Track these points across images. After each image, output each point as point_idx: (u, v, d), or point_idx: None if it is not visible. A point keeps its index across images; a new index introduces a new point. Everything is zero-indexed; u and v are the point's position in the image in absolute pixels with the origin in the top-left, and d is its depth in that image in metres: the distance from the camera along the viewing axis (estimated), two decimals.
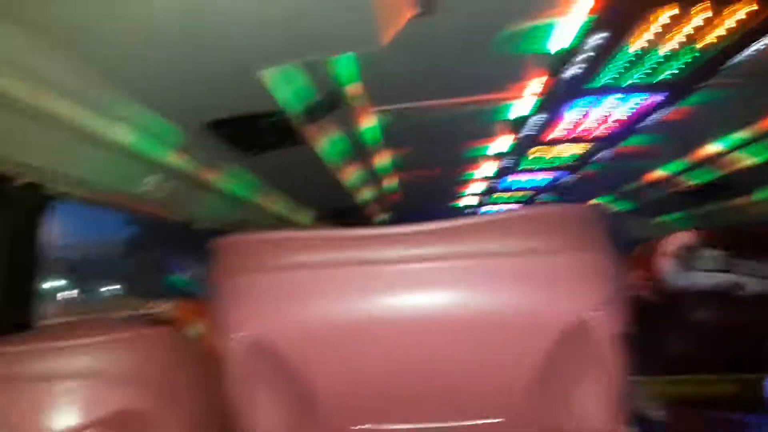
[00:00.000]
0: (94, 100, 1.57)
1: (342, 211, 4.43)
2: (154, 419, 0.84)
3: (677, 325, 2.91)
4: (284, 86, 1.84)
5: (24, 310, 1.67)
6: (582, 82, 2.05)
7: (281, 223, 3.83)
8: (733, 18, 1.61)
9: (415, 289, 0.85)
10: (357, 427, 0.96)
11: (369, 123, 2.59)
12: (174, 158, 2.05)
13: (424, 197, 4.84)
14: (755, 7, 1.52)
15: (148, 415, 0.79)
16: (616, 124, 2.66)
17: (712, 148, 3.23)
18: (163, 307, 1.80)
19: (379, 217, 5.21)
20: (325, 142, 2.55)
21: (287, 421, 0.96)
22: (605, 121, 2.64)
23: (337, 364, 0.90)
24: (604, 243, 0.91)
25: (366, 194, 4.07)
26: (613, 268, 0.91)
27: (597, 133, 2.82)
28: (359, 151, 2.97)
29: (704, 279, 3.05)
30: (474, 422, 0.95)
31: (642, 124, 2.64)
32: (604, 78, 2.05)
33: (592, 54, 1.82)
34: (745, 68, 1.96)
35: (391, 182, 4.02)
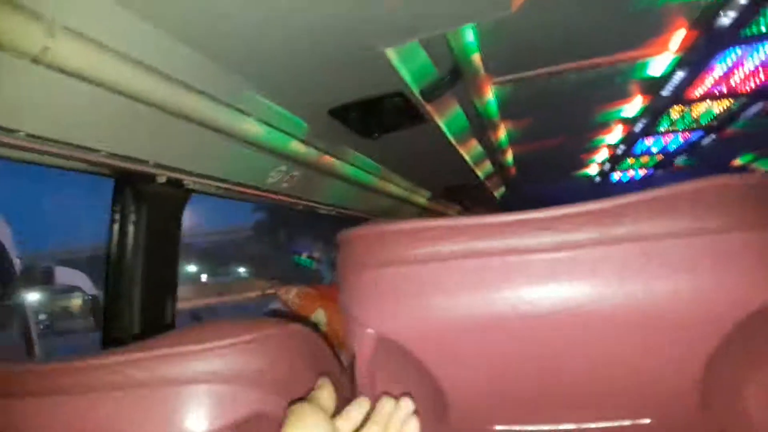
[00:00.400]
0: (223, 97, 1.60)
1: (459, 188, 4.34)
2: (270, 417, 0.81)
3: None
4: (406, 64, 1.78)
5: (169, 297, 1.77)
6: (735, 30, 1.80)
7: (399, 203, 3.81)
8: None
9: (565, 280, 0.74)
10: (493, 428, 0.89)
11: (487, 95, 2.47)
12: (298, 148, 2.07)
13: (544, 169, 4.62)
14: None
15: (281, 416, 0.76)
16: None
17: None
18: (290, 294, 1.83)
19: (498, 192, 5.06)
20: (444, 119, 2.47)
21: (420, 421, 0.91)
22: (756, 74, 2.32)
23: (472, 361, 0.82)
24: None
25: (484, 170, 3.95)
26: None
27: (744, 87, 2.50)
28: (477, 126, 2.85)
29: None
30: (620, 423, 0.85)
31: None
32: (762, 23, 1.79)
33: None
34: None
35: (507, 156, 3.86)
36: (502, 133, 3.15)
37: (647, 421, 0.83)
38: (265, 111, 1.80)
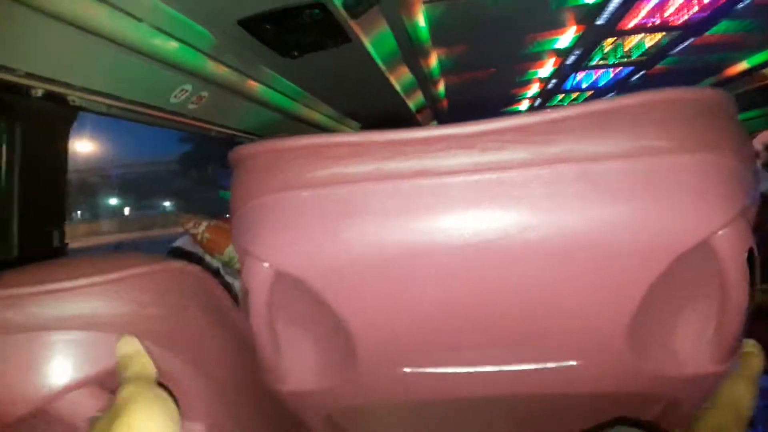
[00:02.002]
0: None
1: (390, 119, 4.19)
2: (164, 368, 0.68)
3: (754, 230, 2.66)
4: None
5: (53, 230, 1.57)
6: None
7: (324, 133, 3.63)
8: None
9: (488, 206, 0.64)
10: (405, 370, 0.78)
11: (418, 17, 2.30)
12: (205, 64, 1.85)
13: (475, 103, 4.53)
14: None
15: (158, 364, 0.63)
16: (707, 6, 2.29)
17: None
18: (200, 229, 1.66)
19: (430, 124, 4.95)
20: (371, 39, 2.29)
21: (322, 364, 0.79)
22: (691, 4, 2.26)
23: (382, 298, 0.71)
24: (739, 139, 0.68)
25: (415, 101, 3.80)
26: (750, 171, 0.68)
27: (681, 19, 2.45)
28: (407, 51, 2.69)
29: None
30: (543, 365, 0.77)
31: (736, 6, 2.26)
32: None
33: None
34: None
35: (440, 87, 3.73)
36: (433, 61, 3.00)
37: (573, 363, 0.75)
38: (160, 16, 1.57)
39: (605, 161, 0.62)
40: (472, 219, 0.64)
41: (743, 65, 3.51)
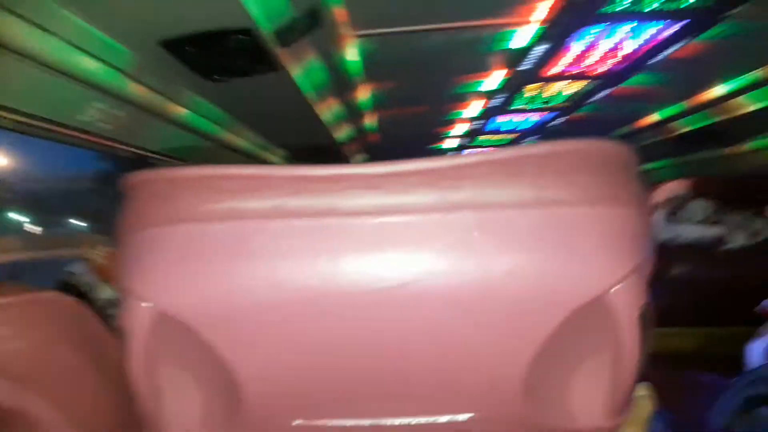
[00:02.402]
0: (15, 5, 1.27)
1: (317, 150, 4.15)
2: (22, 409, 0.60)
3: (657, 277, 2.79)
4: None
5: None
6: (597, 5, 1.79)
7: (251, 161, 3.54)
8: None
9: (390, 250, 0.62)
10: (295, 423, 0.74)
11: (350, 50, 2.29)
12: (121, 82, 1.74)
13: (405, 138, 4.57)
14: None
15: (14, 405, 0.55)
16: (624, 59, 2.42)
17: (716, 90, 3.02)
18: (95, 254, 1.54)
19: (357, 159, 4.95)
20: (301, 69, 2.26)
21: (207, 414, 0.72)
22: (613, 55, 2.38)
23: (273, 346, 0.66)
24: (639, 193, 0.69)
25: (344, 132, 3.79)
26: (647, 226, 0.69)
27: (601, 69, 2.57)
28: (338, 83, 2.67)
29: (690, 231, 2.93)
30: (436, 418, 0.74)
31: (651, 61, 2.40)
32: (622, 2, 1.79)
33: None
34: None
35: (370, 120, 3.74)
36: (365, 94, 3.00)
37: (470, 415, 0.72)
38: (72, 30, 1.47)
39: (507, 210, 0.61)
40: (373, 264, 0.61)
41: (655, 117, 3.73)
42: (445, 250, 0.61)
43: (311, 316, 0.63)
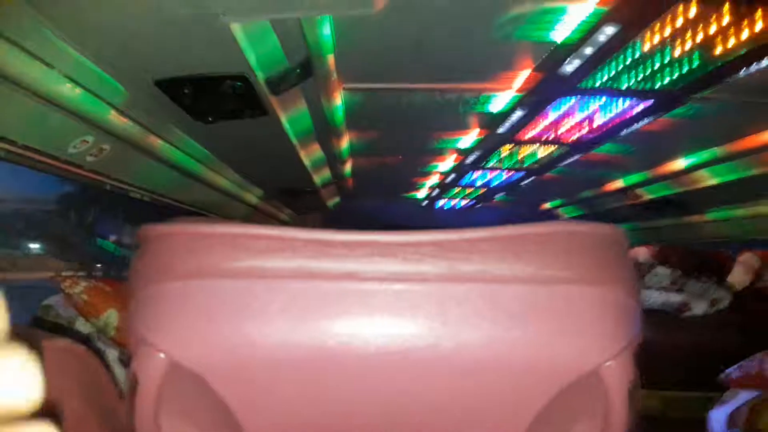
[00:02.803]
0: (14, 34, 1.29)
1: (294, 192, 4.19)
2: None
3: None
4: (253, 46, 1.60)
5: None
6: (575, 80, 1.91)
7: (228, 198, 3.55)
8: (750, 28, 1.49)
9: (405, 315, 0.66)
10: None
11: (336, 100, 2.37)
12: (112, 118, 1.77)
13: (380, 185, 4.65)
14: None
15: None
16: (592, 129, 2.55)
17: (678, 163, 3.19)
18: (77, 289, 1.53)
19: (332, 201, 5.00)
20: (288, 115, 2.32)
21: None
22: (584, 125, 2.52)
23: (286, 402, 0.69)
24: (631, 275, 0.75)
25: (322, 177, 3.84)
26: (637, 305, 0.75)
27: (570, 136, 2.71)
28: (321, 131, 2.74)
29: (655, 296, 3.04)
30: None
31: (620, 133, 2.54)
32: (601, 77, 1.92)
33: (594, 49, 1.66)
34: (741, 84, 1.86)
35: (347, 167, 3.81)
36: (344, 143, 3.07)
37: None
38: (69, 64, 1.50)
39: (513, 284, 0.66)
40: (387, 328, 0.64)
41: (620, 183, 3.88)
42: (456, 318, 0.65)
43: (325, 375, 0.65)
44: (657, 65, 1.78)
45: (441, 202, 5.44)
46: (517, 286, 0.67)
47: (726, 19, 1.48)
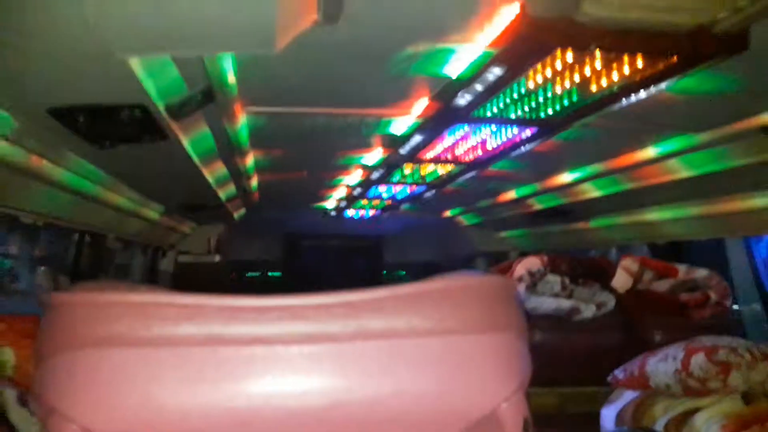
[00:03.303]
0: None
1: (197, 207, 4.11)
2: None
3: None
4: (153, 77, 1.58)
5: None
6: (468, 110, 2.03)
7: (124, 216, 3.43)
8: (619, 70, 1.67)
9: (316, 375, 0.70)
10: None
11: (239, 122, 2.37)
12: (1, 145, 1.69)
13: (286, 198, 4.66)
14: (642, 63, 1.59)
15: None
16: (487, 151, 2.72)
17: (564, 177, 3.45)
18: None
19: (238, 213, 4.94)
20: (190, 138, 2.29)
21: None
22: (478, 148, 2.68)
23: None
24: (518, 320, 0.84)
25: (226, 191, 3.80)
26: (526, 347, 0.84)
27: (467, 157, 2.86)
28: (224, 150, 2.72)
29: (547, 303, 3.26)
30: None
31: (511, 153, 2.72)
32: (489, 109, 2.06)
33: (483, 85, 1.79)
34: (615, 113, 2.07)
35: (252, 182, 3.80)
36: (249, 160, 3.06)
37: None
38: None
39: (414, 338, 0.72)
40: (300, 388, 0.68)
41: (513, 194, 4.13)
42: (363, 374, 0.70)
43: None
44: (541, 99, 1.94)
45: (350, 212, 5.53)
46: (418, 340, 0.73)
47: (598, 63, 1.65)
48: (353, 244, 7.24)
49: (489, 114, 2.08)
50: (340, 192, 4.51)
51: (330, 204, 5.21)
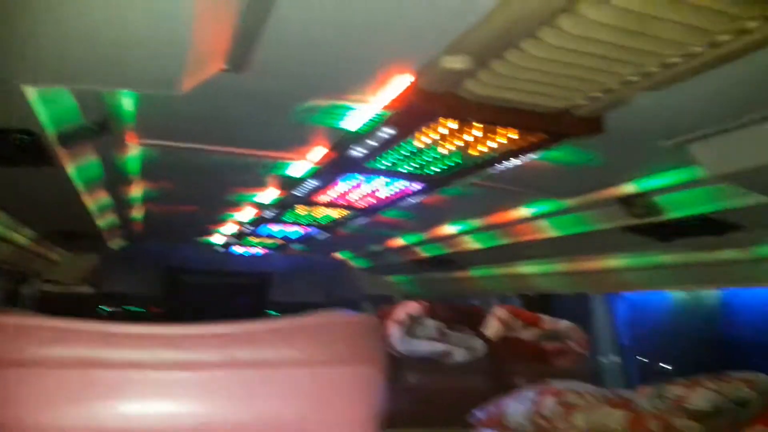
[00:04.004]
0: None
1: (71, 234, 3.89)
2: None
3: (397, 385, 3.20)
4: (47, 105, 1.56)
5: None
6: (362, 161, 2.16)
7: None
8: (495, 139, 1.87)
9: (173, 401, 0.74)
10: None
11: (130, 154, 2.34)
12: None
13: (172, 230, 4.53)
14: (515, 135, 1.80)
15: None
16: (378, 200, 2.86)
17: (448, 229, 3.67)
18: None
19: (117, 243, 4.71)
20: (76, 165, 2.22)
21: None
22: (370, 196, 2.81)
23: None
24: (379, 355, 0.93)
25: (107, 221, 3.64)
26: (384, 380, 0.94)
27: (360, 204, 2.99)
28: (111, 179, 2.65)
29: (423, 346, 3.41)
30: None
31: (400, 203, 2.87)
32: (381, 162, 2.19)
33: (377, 141, 1.92)
34: (492, 176, 2.29)
35: (137, 212, 3.68)
36: (136, 190, 2.99)
37: None
38: None
39: (283, 368, 0.79)
40: (168, 411, 0.73)
41: (401, 241, 4.31)
42: (231, 400, 0.75)
43: None
44: (428, 158, 2.11)
45: (238, 249, 5.44)
46: (287, 370, 0.80)
47: (479, 132, 1.84)
48: (238, 281, 7.07)
49: (381, 166, 2.22)
50: (229, 228, 4.46)
51: (218, 239, 5.12)
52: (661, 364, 4.30)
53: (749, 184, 1.92)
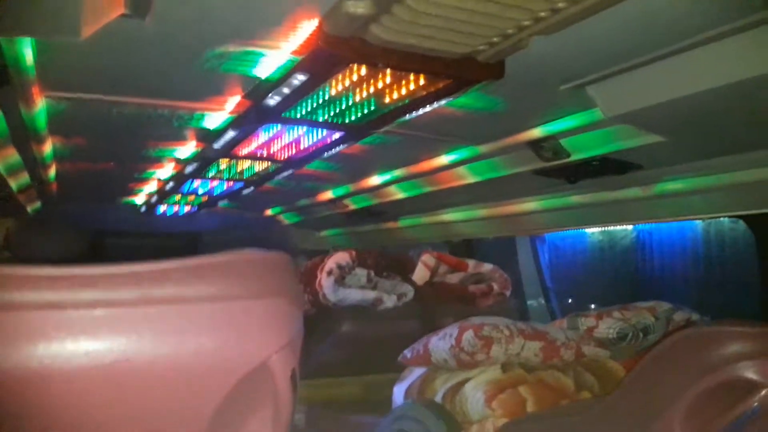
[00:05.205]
0: None
1: None
2: None
3: (328, 334, 3.31)
4: None
5: None
6: (278, 110, 2.16)
7: None
8: (407, 86, 1.92)
9: (92, 338, 0.78)
10: None
11: (36, 106, 2.24)
12: None
13: (91, 190, 4.38)
14: (422, 82, 1.85)
15: None
16: (301, 151, 2.86)
17: (374, 180, 3.73)
18: None
19: (33, 206, 4.51)
20: None
21: None
22: (292, 147, 2.81)
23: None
24: (291, 288, 1.00)
25: (19, 181, 3.48)
26: (297, 310, 1.01)
27: (283, 156, 2.99)
28: (18, 136, 2.54)
29: (354, 294, 3.52)
30: None
31: (323, 154, 2.89)
32: (298, 111, 2.20)
33: (290, 89, 1.93)
34: (408, 124, 2.34)
35: (50, 172, 3.52)
36: (47, 148, 2.87)
37: None
38: None
39: (199, 303, 0.84)
40: (89, 348, 0.76)
41: (330, 194, 4.35)
42: (150, 335, 0.79)
43: (31, 397, 0.73)
44: (344, 105, 2.13)
45: (162, 208, 5.31)
46: (203, 305, 0.85)
47: (388, 79, 1.88)
48: (165, 243, 6.89)
49: (299, 115, 2.23)
50: (151, 186, 4.34)
51: (139, 199, 4.98)
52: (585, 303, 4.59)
53: (642, 124, 2.06)
